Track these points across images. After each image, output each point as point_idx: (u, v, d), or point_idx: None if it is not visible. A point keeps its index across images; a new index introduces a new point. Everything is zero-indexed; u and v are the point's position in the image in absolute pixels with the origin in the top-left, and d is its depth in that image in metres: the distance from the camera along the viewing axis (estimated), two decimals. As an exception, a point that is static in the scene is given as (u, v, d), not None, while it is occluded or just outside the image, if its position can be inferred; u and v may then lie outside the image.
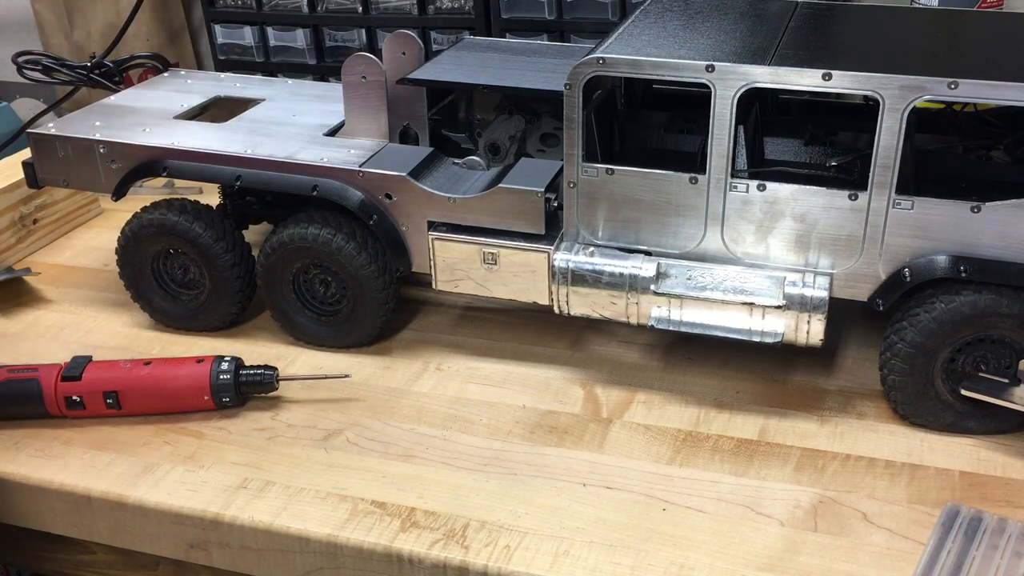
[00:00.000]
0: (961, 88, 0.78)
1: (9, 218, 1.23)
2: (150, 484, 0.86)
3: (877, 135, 0.81)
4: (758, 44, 0.87)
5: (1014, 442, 0.87)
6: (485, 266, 0.95)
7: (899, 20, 0.96)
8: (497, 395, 0.96)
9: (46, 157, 1.07)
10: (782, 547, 0.78)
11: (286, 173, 0.98)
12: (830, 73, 0.81)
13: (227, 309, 1.06)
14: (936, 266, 0.84)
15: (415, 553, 0.79)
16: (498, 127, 1.06)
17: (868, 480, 0.84)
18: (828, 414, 0.92)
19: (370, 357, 1.03)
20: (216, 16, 1.63)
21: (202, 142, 1.02)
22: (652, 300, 0.90)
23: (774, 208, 0.87)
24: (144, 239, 1.04)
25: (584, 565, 0.77)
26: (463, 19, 1.50)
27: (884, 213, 0.84)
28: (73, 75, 1.31)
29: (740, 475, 0.85)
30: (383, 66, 1.02)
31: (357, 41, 1.57)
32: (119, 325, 1.10)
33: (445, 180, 0.98)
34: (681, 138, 1.03)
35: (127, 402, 0.93)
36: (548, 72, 1.04)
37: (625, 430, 0.91)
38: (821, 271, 0.88)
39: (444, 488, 0.85)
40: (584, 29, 1.45)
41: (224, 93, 1.18)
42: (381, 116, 1.03)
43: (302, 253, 0.99)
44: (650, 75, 0.85)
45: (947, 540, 0.76)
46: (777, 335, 0.88)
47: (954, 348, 0.86)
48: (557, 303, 0.94)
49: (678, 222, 0.90)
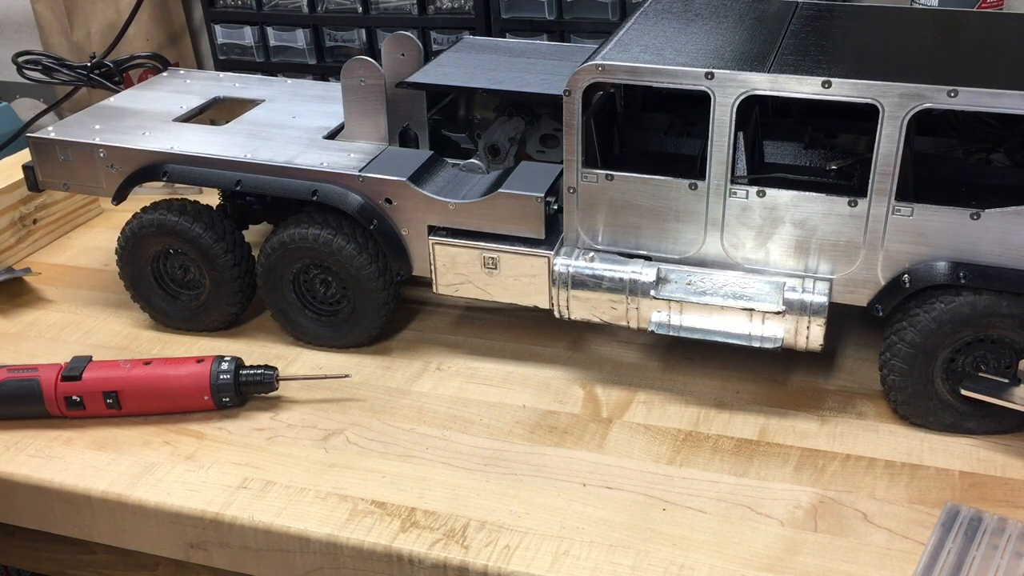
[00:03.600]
0: (961, 96, 0.78)
1: (9, 218, 1.23)
2: (150, 484, 0.87)
3: (877, 142, 0.81)
4: (757, 49, 0.88)
5: (1014, 442, 0.88)
6: (486, 270, 0.95)
7: (899, 22, 0.96)
8: (497, 395, 0.96)
9: (46, 161, 1.07)
10: (782, 547, 0.78)
11: (286, 178, 0.99)
12: (829, 81, 0.81)
13: (227, 309, 1.06)
14: (936, 272, 0.84)
15: (415, 553, 0.79)
16: (498, 129, 1.07)
17: (868, 480, 0.84)
18: (828, 414, 0.92)
19: (370, 357, 1.03)
20: (216, 16, 1.63)
21: (202, 146, 1.03)
22: (652, 305, 0.91)
23: (774, 214, 0.87)
24: (144, 239, 1.04)
25: (584, 565, 0.77)
26: (463, 19, 1.50)
27: (884, 219, 0.84)
28: (73, 75, 1.31)
29: (740, 475, 0.85)
30: (382, 69, 1.02)
31: (357, 41, 1.57)
32: (119, 325, 1.10)
33: (445, 184, 0.98)
34: (681, 141, 1.03)
35: (127, 402, 0.93)
36: (548, 74, 1.04)
37: (625, 430, 0.91)
38: (821, 276, 0.88)
39: (444, 488, 0.85)
40: (584, 29, 1.45)
41: (224, 93, 1.18)
42: (380, 119, 1.03)
43: (302, 253, 0.99)
44: (649, 82, 0.85)
45: (947, 540, 0.77)
46: (777, 340, 0.88)
47: (954, 348, 0.86)
48: (557, 307, 0.94)
49: (678, 227, 0.90)
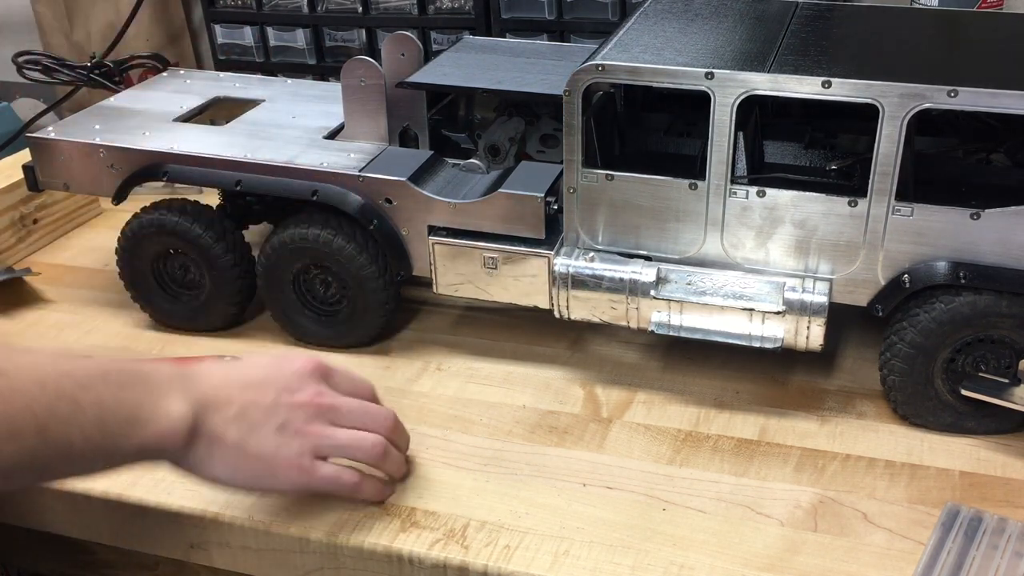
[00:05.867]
0: (961, 96, 0.78)
1: (9, 218, 1.23)
2: (150, 484, 0.86)
3: (877, 142, 0.81)
4: (757, 49, 0.88)
5: (1014, 442, 0.88)
6: (486, 270, 0.95)
7: (899, 22, 0.96)
8: (497, 395, 0.96)
9: (46, 161, 1.07)
10: (782, 547, 0.78)
11: (286, 178, 0.99)
12: (829, 81, 0.81)
13: (227, 309, 1.06)
14: (936, 272, 0.84)
15: (415, 553, 0.79)
16: (498, 129, 1.07)
17: (868, 480, 0.84)
18: (828, 414, 0.92)
19: (370, 357, 1.03)
20: (216, 16, 1.63)
21: (201, 146, 1.02)
22: (652, 305, 0.91)
23: (774, 214, 0.87)
24: (144, 239, 1.04)
25: (584, 565, 0.77)
26: (463, 19, 1.50)
27: (884, 219, 0.84)
28: (73, 75, 1.31)
29: (740, 475, 0.85)
30: (382, 69, 1.02)
31: (357, 41, 1.57)
32: (119, 325, 1.10)
33: (445, 184, 0.98)
34: (681, 141, 1.03)
35: (128, 403, 0.93)
36: (548, 74, 1.04)
37: (625, 430, 0.91)
38: (821, 276, 0.88)
39: (444, 488, 0.85)
40: (584, 29, 1.45)
41: (223, 93, 1.18)
42: (380, 119, 1.03)
43: (302, 253, 0.99)
44: (649, 82, 0.85)
45: (947, 540, 0.77)
46: (777, 340, 0.88)
47: (954, 348, 0.86)
48: (557, 307, 0.94)
49: (678, 227, 0.90)
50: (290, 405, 0.78)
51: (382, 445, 0.81)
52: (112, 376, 0.71)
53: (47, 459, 0.67)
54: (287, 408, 0.78)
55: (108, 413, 0.69)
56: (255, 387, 0.78)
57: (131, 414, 0.71)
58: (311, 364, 0.81)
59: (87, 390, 0.69)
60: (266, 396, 0.77)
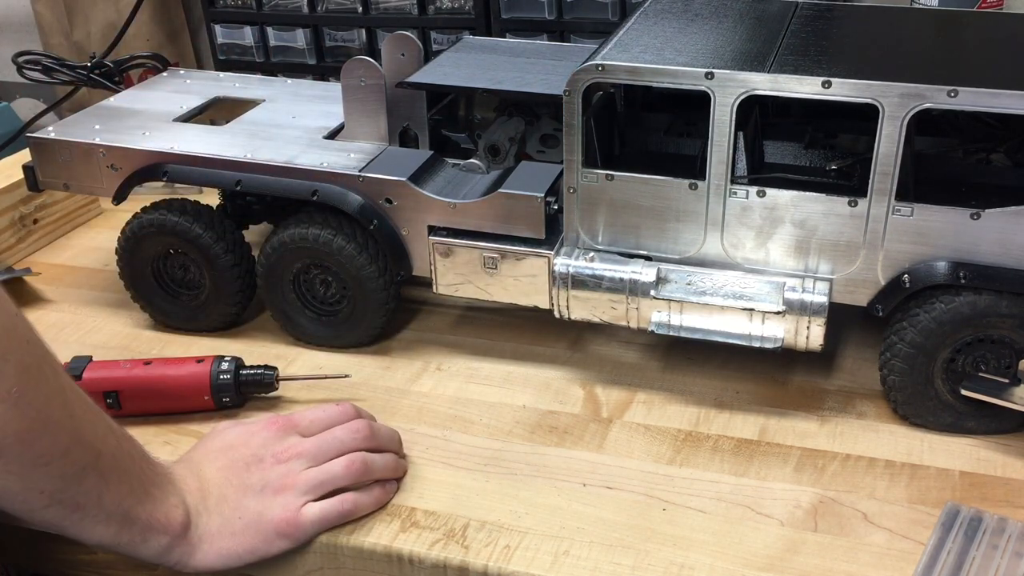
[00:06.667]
0: (961, 96, 0.78)
1: (9, 218, 1.23)
2: (151, 485, 0.87)
3: (877, 142, 0.81)
4: (757, 49, 0.88)
5: (1014, 442, 0.88)
6: (486, 270, 0.95)
7: (899, 22, 0.96)
8: (497, 395, 0.96)
9: (46, 161, 1.07)
10: (782, 547, 0.78)
11: (286, 178, 0.99)
12: (829, 81, 0.81)
13: (227, 309, 1.06)
14: (936, 272, 0.84)
15: (415, 553, 0.79)
16: (498, 129, 1.07)
17: (868, 480, 0.84)
18: (828, 414, 0.92)
19: (370, 357, 1.03)
20: (216, 16, 1.63)
21: (201, 146, 1.03)
22: (652, 305, 0.91)
23: (774, 214, 0.87)
24: (144, 239, 1.04)
25: (584, 565, 0.77)
26: (463, 19, 1.51)
27: (884, 219, 0.84)
28: (73, 75, 1.31)
29: (740, 475, 0.85)
30: (382, 69, 1.02)
31: (357, 41, 1.58)
32: (119, 325, 1.10)
33: (445, 184, 0.98)
34: (681, 141, 1.03)
35: (127, 402, 0.93)
36: (548, 74, 1.04)
37: (625, 430, 0.91)
38: (821, 276, 0.88)
39: (444, 488, 0.85)
40: (584, 29, 1.45)
41: (223, 93, 1.18)
42: (380, 119, 1.03)
43: (302, 253, 0.99)
44: (649, 82, 0.85)
45: (947, 540, 0.77)
46: (777, 340, 0.88)
47: (954, 348, 0.86)
48: (558, 307, 0.94)
49: (678, 227, 0.90)
50: (261, 471, 0.80)
51: (358, 462, 0.82)
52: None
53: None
54: (259, 476, 0.80)
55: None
56: (225, 469, 0.80)
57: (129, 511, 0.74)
58: (273, 426, 0.83)
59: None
60: (237, 475, 0.80)
